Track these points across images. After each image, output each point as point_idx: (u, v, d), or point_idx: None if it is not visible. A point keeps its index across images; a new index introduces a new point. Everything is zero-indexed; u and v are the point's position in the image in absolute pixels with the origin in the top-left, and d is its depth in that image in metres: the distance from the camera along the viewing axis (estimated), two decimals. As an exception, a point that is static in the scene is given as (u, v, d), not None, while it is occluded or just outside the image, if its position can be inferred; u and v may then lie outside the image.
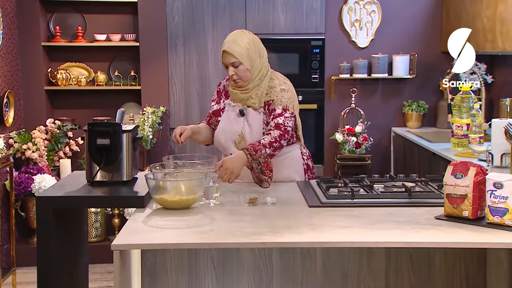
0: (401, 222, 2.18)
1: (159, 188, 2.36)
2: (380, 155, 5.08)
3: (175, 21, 4.77)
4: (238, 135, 2.83)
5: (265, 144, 2.64)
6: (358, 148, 4.81)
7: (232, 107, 2.88)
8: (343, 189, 2.56)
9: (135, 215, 2.33)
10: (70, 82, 4.88)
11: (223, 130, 2.88)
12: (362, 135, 4.81)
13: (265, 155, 2.62)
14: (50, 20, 4.95)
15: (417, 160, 4.33)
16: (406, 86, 5.05)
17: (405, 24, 4.99)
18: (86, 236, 3.00)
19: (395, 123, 5.08)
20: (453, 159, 3.46)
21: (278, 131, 2.70)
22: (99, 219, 4.58)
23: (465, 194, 2.16)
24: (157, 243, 2.01)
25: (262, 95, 2.81)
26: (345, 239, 2.03)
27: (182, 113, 4.86)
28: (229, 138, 2.85)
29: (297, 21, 4.80)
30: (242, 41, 2.79)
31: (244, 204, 2.45)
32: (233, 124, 2.85)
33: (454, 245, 2.00)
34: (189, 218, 2.28)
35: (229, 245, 2.03)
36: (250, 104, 2.82)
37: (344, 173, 4.88)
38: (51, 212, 2.41)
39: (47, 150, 4.60)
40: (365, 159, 4.84)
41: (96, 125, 2.60)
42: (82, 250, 2.88)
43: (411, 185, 2.57)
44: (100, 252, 4.15)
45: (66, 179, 2.79)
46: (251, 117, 2.83)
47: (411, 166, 4.47)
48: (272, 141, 2.66)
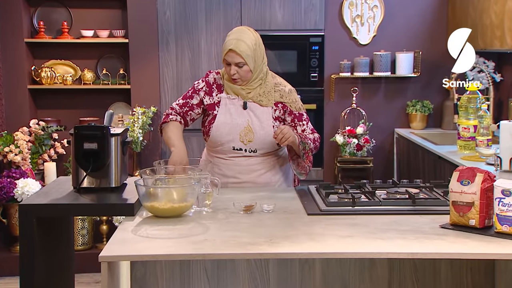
0: (405, 231, 2.19)
1: (149, 195, 2.36)
2: (383, 158, 5.09)
3: (166, 16, 4.77)
4: (245, 128, 2.89)
5: (310, 138, 2.90)
6: (360, 150, 4.82)
7: (232, 100, 2.91)
8: (344, 196, 2.57)
9: (124, 224, 2.33)
10: (55, 81, 4.87)
11: (224, 123, 2.90)
12: (364, 137, 4.82)
13: (309, 145, 2.87)
14: (33, 15, 4.94)
15: (421, 163, 4.34)
16: (410, 85, 5.06)
17: (409, 19, 5.00)
18: (72, 244, 3.00)
19: (399, 124, 5.09)
20: (460, 163, 3.48)
21: (317, 134, 2.98)
22: (86, 226, 4.57)
23: (472, 202, 2.16)
24: (147, 254, 2.01)
25: (270, 93, 2.91)
26: (345, 249, 2.04)
27: (174, 113, 4.84)
28: (233, 131, 2.89)
29: (295, 16, 4.80)
30: (249, 41, 2.84)
31: (240, 211, 2.46)
32: (236, 117, 2.89)
33: (461, 256, 2.01)
34: (181, 227, 2.28)
35: (223, 256, 2.04)
36: (257, 101, 2.90)
37: (345, 177, 4.89)
38: (34, 221, 2.41)
39: (31, 153, 4.60)
40: (367, 162, 4.85)
41: (83, 129, 2.59)
42: (67, 259, 2.88)
43: (415, 192, 2.58)
44: (87, 261, 4.14)
45: (50, 186, 2.78)
46: (259, 111, 2.90)
47: (415, 169, 4.48)
48: (314, 139, 2.94)
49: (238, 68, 2.83)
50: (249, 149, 2.91)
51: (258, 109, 2.91)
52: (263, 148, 2.93)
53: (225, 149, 2.93)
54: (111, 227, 4.61)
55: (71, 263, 2.92)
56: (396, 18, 5.00)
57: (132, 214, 2.41)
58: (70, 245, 2.94)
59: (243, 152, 2.92)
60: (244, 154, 2.92)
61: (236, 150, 2.91)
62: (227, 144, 2.91)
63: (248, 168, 2.93)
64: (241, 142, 2.90)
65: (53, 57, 4.95)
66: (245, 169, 2.93)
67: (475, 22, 4.39)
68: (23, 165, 4.50)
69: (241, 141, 2.90)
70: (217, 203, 2.57)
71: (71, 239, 2.97)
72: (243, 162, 2.93)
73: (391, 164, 5.10)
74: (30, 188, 4.25)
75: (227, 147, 2.92)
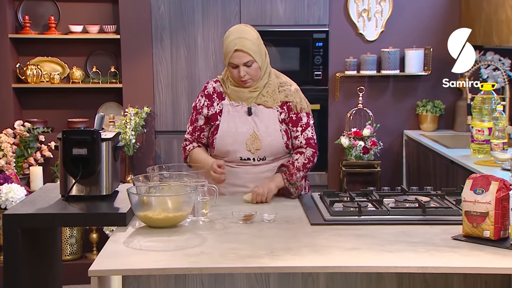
0: (414, 243, 2.20)
1: (143, 204, 2.37)
2: (391, 162, 5.09)
3: (160, 11, 4.77)
4: (250, 135, 2.89)
5: (299, 168, 2.87)
6: (366, 153, 4.82)
7: (235, 107, 2.92)
8: (349, 204, 2.58)
9: (115, 235, 2.33)
10: (42, 79, 4.87)
11: (228, 132, 2.90)
12: (371, 139, 4.82)
13: (299, 178, 2.86)
14: (18, 8, 4.94)
15: (432, 167, 4.34)
16: (420, 84, 5.07)
17: (420, 14, 5.00)
18: (59, 254, 3.01)
19: (408, 125, 5.09)
20: (473, 168, 3.48)
21: (310, 149, 2.93)
22: (74, 235, 4.58)
23: (486, 212, 2.17)
24: (140, 269, 2.01)
25: (275, 92, 2.92)
26: (351, 263, 2.05)
27: (169, 114, 4.86)
28: (238, 140, 2.89)
29: (297, 11, 4.80)
30: (251, 37, 2.86)
31: (239, 221, 2.46)
32: (240, 125, 2.90)
33: (474, 270, 2.02)
34: (176, 238, 2.28)
35: (221, 270, 2.05)
36: (261, 102, 2.90)
37: (350, 182, 4.90)
38: (19, 231, 2.41)
39: (15, 156, 4.60)
40: (374, 166, 4.85)
41: (71, 133, 2.60)
42: (55, 271, 2.89)
43: (425, 200, 2.58)
44: (75, 272, 4.13)
45: (37, 194, 2.79)
46: (264, 115, 2.90)
47: (425, 174, 4.49)
48: (305, 163, 2.90)
49: (247, 68, 2.83)
50: (258, 157, 2.92)
51: (263, 113, 2.91)
52: (272, 154, 2.93)
53: (232, 159, 2.93)
54: (101, 235, 4.62)
55: (58, 275, 2.93)
56: (405, 13, 5.00)
57: (124, 224, 2.42)
58: (57, 255, 2.95)
59: (251, 161, 2.92)
60: (253, 163, 2.93)
61: (244, 160, 2.91)
62: (234, 154, 2.91)
63: (258, 175, 2.91)
64: (248, 151, 2.90)
65: (39, 54, 4.96)
66: (255, 177, 2.91)
67: (490, 17, 4.39)
68: (7, 170, 4.51)
69: (248, 150, 2.90)
70: (214, 212, 2.58)
71: (59, 249, 2.98)
72: (252, 169, 2.93)
73: (400, 168, 5.10)
74: (14, 194, 4.26)
75: (233, 157, 2.92)
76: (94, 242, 4.66)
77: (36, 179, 4.53)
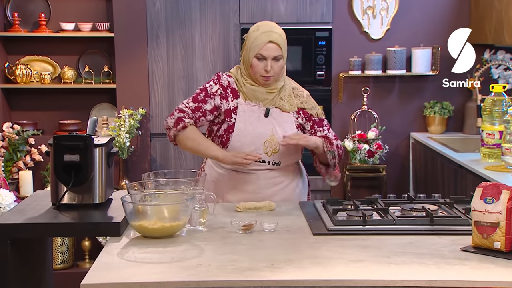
0: (422, 254, 2.20)
1: (138, 213, 2.37)
2: (397, 166, 5.10)
3: (156, 8, 4.78)
4: (269, 137, 2.91)
5: (337, 145, 2.97)
6: (371, 157, 4.82)
7: (252, 107, 2.92)
8: (353, 213, 2.58)
9: (109, 245, 2.33)
10: (32, 80, 4.87)
11: (245, 132, 2.90)
12: (376, 142, 4.83)
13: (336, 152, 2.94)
14: (7, 5, 4.94)
15: (440, 172, 4.35)
16: (427, 85, 5.07)
17: (427, 11, 5.01)
18: (50, 264, 3.01)
19: (415, 128, 5.10)
20: (483, 174, 3.48)
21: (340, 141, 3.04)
22: (66, 242, 4.58)
23: (497, 222, 2.17)
24: (134, 282, 2.01)
25: (291, 97, 2.96)
26: (355, 276, 2.05)
27: (165, 116, 4.79)
28: (256, 141, 2.90)
29: (299, 8, 4.81)
30: (282, 32, 2.94)
31: (238, 230, 2.46)
32: (257, 125, 2.91)
33: (485, 284, 2.01)
34: (173, 249, 2.29)
35: (220, 284, 2.04)
36: (279, 105, 2.94)
37: (354, 187, 4.91)
38: (8, 242, 2.41)
39: (4, 160, 4.60)
40: (379, 170, 4.86)
41: (63, 139, 2.60)
42: (45, 281, 2.88)
43: (433, 209, 2.59)
44: (67, 281, 4.15)
45: (27, 202, 2.79)
46: (282, 118, 2.93)
47: (433, 179, 4.49)
48: (339, 147, 2.99)
49: (274, 63, 2.86)
50: (273, 161, 2.92)
51: (281, 117, 2.93)
52: (287, 159, 2.95)
53: None
54: (94, 243, 4.62)
55: (49, 285, 2.92)
56: (412, 10, 5.00)
57: (118, 234, 2.42)
58: (48, 265, 2.95)
59: (266, 164, 2.92)
60: (267, 166, 2.93)
61: (259, 163, 2.91)
62: None
63: (271, 181, 2.93)
64: (265, 153, 2.90)
65: (29, 53, 4.96)
66: (267, 183, 2.92)
67: (501, 15, 4.39)
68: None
69: (265, 153, 2.90)
70: (212, 221, 2.58)
71: (49, 259, 2.98)
72: (265, 174, 2.93)
73: (407, 172, 5.11)
74: (3, 199, 4.23)
75: None
76: (86, 250, 4.66)
77: (25, 184, 4.53)
